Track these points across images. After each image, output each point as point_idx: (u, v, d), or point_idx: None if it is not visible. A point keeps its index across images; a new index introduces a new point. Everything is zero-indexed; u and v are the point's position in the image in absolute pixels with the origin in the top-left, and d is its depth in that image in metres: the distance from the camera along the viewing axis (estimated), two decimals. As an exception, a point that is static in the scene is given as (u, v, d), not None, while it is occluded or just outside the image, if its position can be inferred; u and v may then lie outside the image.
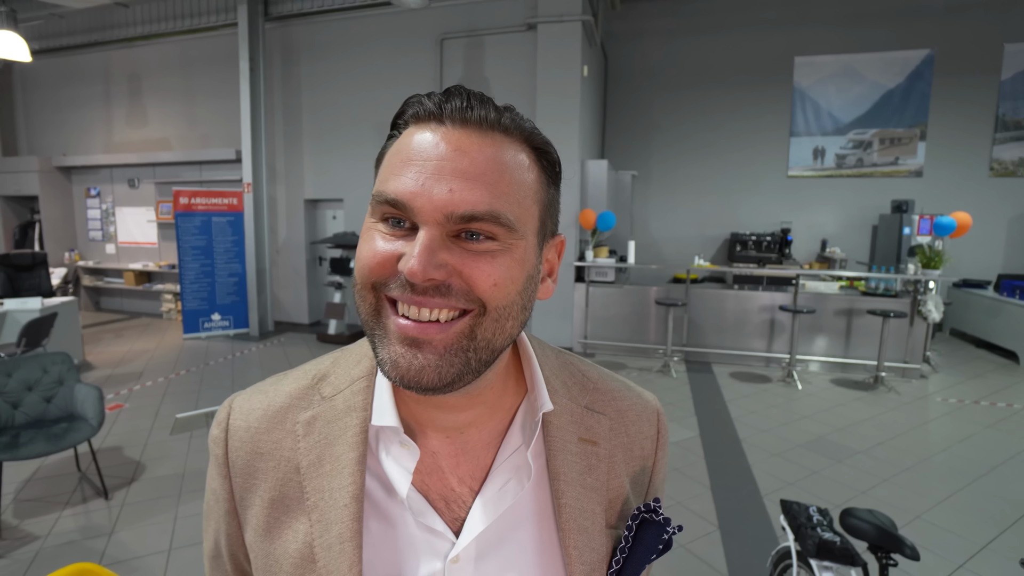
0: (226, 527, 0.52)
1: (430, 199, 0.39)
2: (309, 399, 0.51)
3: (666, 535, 0.50)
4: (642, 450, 0.56)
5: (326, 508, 0.47)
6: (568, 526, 0.49)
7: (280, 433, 0.50)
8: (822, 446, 3.79)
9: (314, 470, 0.48)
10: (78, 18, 8.02)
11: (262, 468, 0.49)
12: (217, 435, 0.52)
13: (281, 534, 0.48)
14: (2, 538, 2.65)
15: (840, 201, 7.55)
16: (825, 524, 1.82)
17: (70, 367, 3.25)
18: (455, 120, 0.41)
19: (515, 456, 0.49)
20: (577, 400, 0.54)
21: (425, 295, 0.40)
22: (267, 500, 0.49)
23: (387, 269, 0.41)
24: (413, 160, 0.41)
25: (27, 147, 9.18)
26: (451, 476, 0.49)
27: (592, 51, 6.68)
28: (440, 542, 0.47)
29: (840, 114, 7.45)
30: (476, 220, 0.40)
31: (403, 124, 0.44)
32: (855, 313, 5.52)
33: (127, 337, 7.04)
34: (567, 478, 0.50)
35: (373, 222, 0.43)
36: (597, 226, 5.93)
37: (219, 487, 0.52)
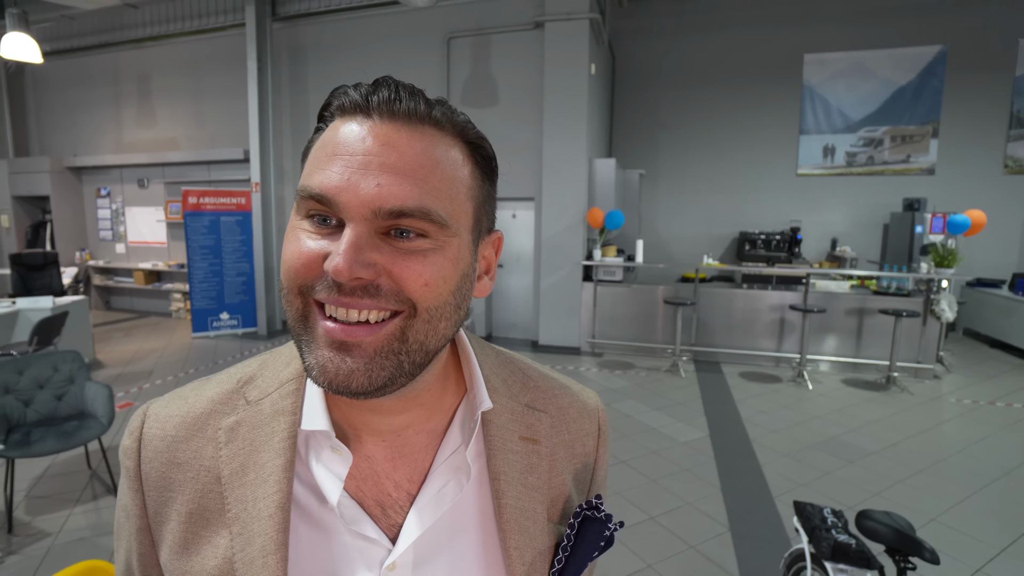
0: (138, 546, 0.48)
1: (356, 194, 0.38)
2: (233, 404, 0.48)
3: (608, 531, 0.49)
4: (584, 447, 0.55)
5: (248, 519, 0.44)
6: (509, 527, 0.47)
7: (200, 441, 0.47)
8: (834, 447, 3.74)
9: (237, 479, 0.45)
10: (88, 20, 8.08)
11: (179, 480, 0.46)
12: (129, 446, 0.48)
13: (199, 550, 0.45)
14: (14, 534, 2.67)
15: (850, 199, 7.47)
16: (840, 526, 1.80)
17: (81, 365, 3.27)
18: (382, 113, 0.39)
19: (454, 457, 0.48)
20: (518, 398, 0.53)
21: (353, 296, 0.38)
22: (184, 514, 0.45)
23: (313, 270, 0.39)
24: (339, 154, 0.39)
25: (39, 148, 9.27)
26: (387, 481, 0.47)
27: (599, 49, 6.65)
28: (376, 549, 0.45)
29: (850, 112, 7.37)
30: (405, 216, 0.38)
31: (329, 116, 0.42)
32: (866, 312, 5.45)
33: (137, 336, 7.08)
34: (508, 478, 0.49)
35: (298, 220, 0.41)
36: (605, 225, 5.90)
37: (130, 502, 0.47)
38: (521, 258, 6.77)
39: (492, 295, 6.93)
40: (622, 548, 2.59)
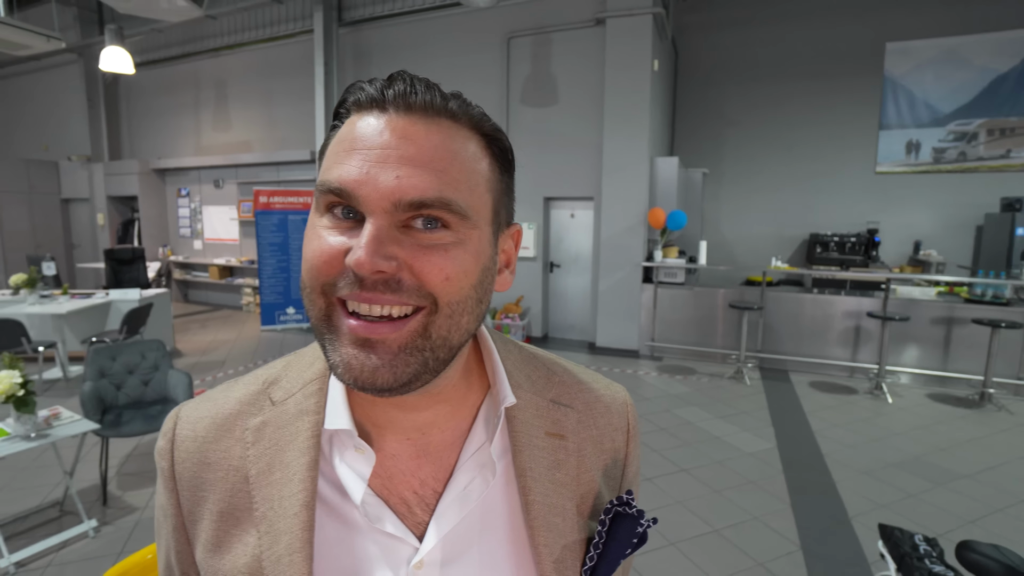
0: (175, 544, 0.49)
1: (376, 187, 0.37)
2: (259, 405, 0.48)
3: (640, 528, 0.47)
4: (612, 443, 0.54)
5: (275, 518, 0.44)
6: (537, 523, 0.47)
7: (228, 442, 0.47)
8: (919, 467, 3.46)
9: (263, 478, 0.45)
10: (173, 32, 8.66)
11: (210, 479, 0.47)
12: (163, 447, 0.49)
13: (231, 548, 0.45)
14: (108, 506, 2.88)
15: (937, 199, 6.91)
16: (935, 556, 1.65)
17: (164, 354, 3.49)
18: (398, 106, 0.39)
19: (479, 454, 0.47)
20: (542, 394, 0.52)
21: (374, 291, 0.38)
22: (216, 513, 0.46)
23: (335, 267, 0.39)
24: (356, 148, 0.39)
25: (129, 151, 10.03)
26: (413, 479, 0.46)
27: (663, 45, 6.47)
28: (403, 547, 0.44)
29: (939, 104, 6.81)
30: (426, 207, 0.38)
31: (345, 113, 0.42)
32: (956, 322, 5.02)
33: (211, 327, 7.52)
34: (534, 474, 0.48)
35: (317, 217, 0.41)
36: (667, 225, 5.73)
37: (166, 502, 0.49)
38: (579, 258, 6.68)
39: (549, 295, 6.89)
40: (684, 561, 2.49)
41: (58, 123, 10.33)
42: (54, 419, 2.69)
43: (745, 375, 5.25)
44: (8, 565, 2.34)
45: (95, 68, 9.25)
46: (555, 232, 6.75)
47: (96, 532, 2.64)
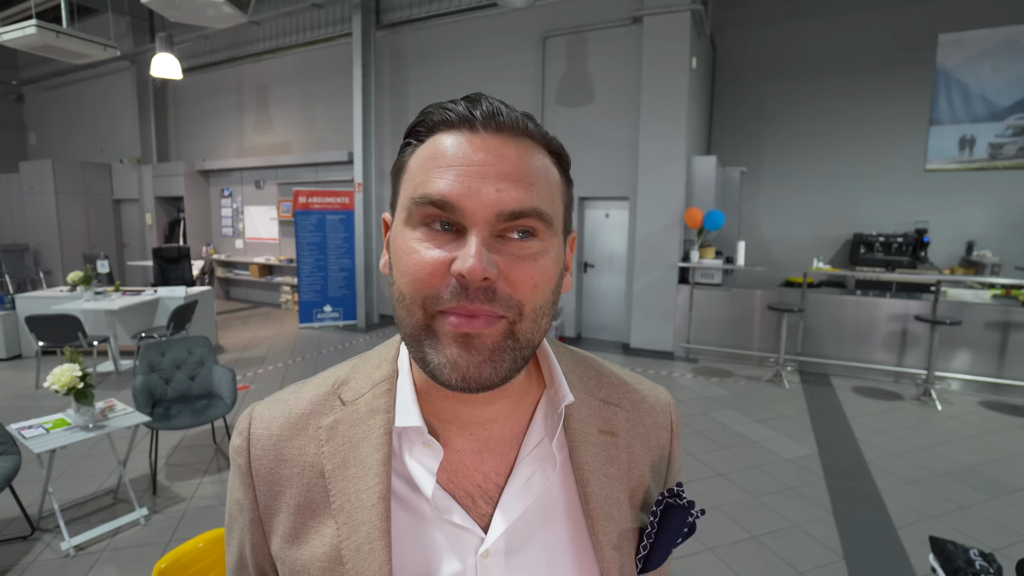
0: (251, 537, 0.52)
1: (480, 200, 0.40)
2: (330, 405, 0.51)
3: (690, 518, 0.50)
4: (658, 440, 0.58)
5: (352, 510, 0.47)
6: (596, 514, 0.49)
7: (303, 439, 0.50)
8: (971, 477, 3.30)
9: (339, 473, 0.48)
10: (218, 38, 8.97)
11: (286, 475, 0.50)
12: (239, 445, 0.52)
13: (308, 539, 0.48)
14: (158, 496, 3.01)
15: (993, 197, 6.57)
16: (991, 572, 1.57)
17: (209, 350, 3.62)
18: (488, 126, 0.42)
19: (538, 449, 0.50)
20: (594, 393, 0.55)
21: (476, 301, 0.40)
22: (293, 506, 0.49)
23: (438, 278, 0.41)
24: (453, 165, 0.41)
25: (176, 153, 10.44)
26: (476, 473, 0.49)
27: (701, 42, 6.35)
28: (469, 538, 0.47)
29: (997, 97, 6.47)
30: (523, 216, 0.41)
31: (425, 132, 0.45)
32: (1013, 327, 4.77)
33: (251, 325, 7.76)
34: (591, 468, 0.51)
35: (409, 231, 0.43)
36: (704, 225, 5.63)
37: (243, 497, 0.51)
38: (614, 258, 6.63)
39: (582, 296, 6.85)
40: (721, 566, 2.45)
41: (111, 127, 10.84)
42: (109, 411, 2.83)
43: (784, 378, 5.11)
44: (69, 548, 2.47)
45: (146, 74, 9.67)
46: (589, 232, 6.71)
47: (147, 520, 2.77)
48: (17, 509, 2.68)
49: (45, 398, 4.56)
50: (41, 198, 9.83)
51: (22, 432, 2.53)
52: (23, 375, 5.19)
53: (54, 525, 2.67)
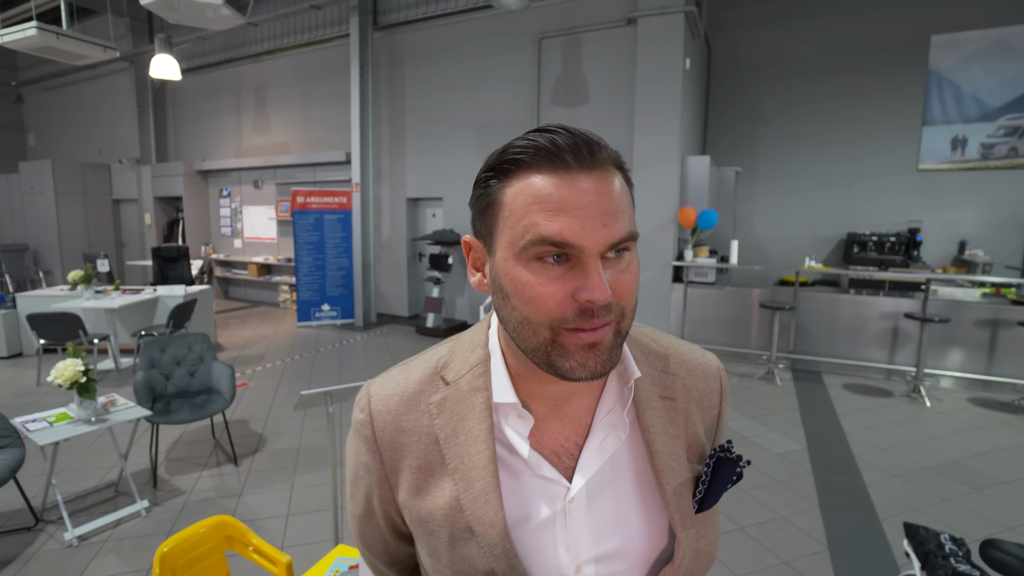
0: (379, 491, 0.63)
1: (594, 237, 0.48)
2: (436, 384, 0.62)
3: (739, 469, 0.58)
4: (710, 402, 0.67)
5: (466, 470, 0.57)
6: (661, 467, 0.59)
7: (416, 413, 0.61)
8: (956, 471, 3.37)
9: (451, 441, 0.59)
10: (217, 39, 9.02)
11: (406, 443, 0.60)
12: (363, 419, 0.62)
13: (430, 493, 0.59)
14: (158, 489, 3.07)
15: (985, 197, 6.64)
16: (960, 555, 1.64)
17: (209, 347, 3.68)
18: (583, 165, 0.49)
19: (610, 415, 0.59)
20: (654, 365, 0.64)
21: (600, 316, 0.49)
22: (415, 467, 0.60)
23: (565, 305, 0.49)
24: (563, 209, 0.48)
25: (175, 154, 10.49)
26: (559, 436, 0.59)
27: (695, 43, 6.41)
28: (557, 488, 0.57)
29: (988, 98, 6.54)
30: (624, 242, 0.50)
31: (512, 169, 0.50)
32: (1002, 324, 4.84)
33: (250, 323, 7.82)
34: (656, 429, 0.60)
35: (521, 265, 0.50)
36: (698, 225, 5.69)
37: (370, 460, 0.62)
38: (607, 257, 6.67)
39: (576, 294, 6.89)
40: (709, 557, 2.51)
41: (110, 127, 10.88)
42: (111, 405, 2.89)
43: (776, 376, 5.18)
44: (72, 538, 2.53)
45: (145, 75, 9.72)
46: (584, 231, 6.75)
47: (148, 512, 2.83)
48: (21, 501, 2.74)
49: (47, 395, 4.62)
50: (41, 198, 9.88)
51: (26, 425, 2.59)
52: (24, 372, 5.25)
53: (57, 516, 2.73)
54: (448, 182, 7.39)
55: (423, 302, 7.46)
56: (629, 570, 0.59)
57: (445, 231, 7.05)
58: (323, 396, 2.05)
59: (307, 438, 3.82)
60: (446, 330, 7.06)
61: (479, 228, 0.55)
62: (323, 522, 2.78)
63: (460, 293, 7.59)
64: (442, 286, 7.13)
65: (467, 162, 7.18)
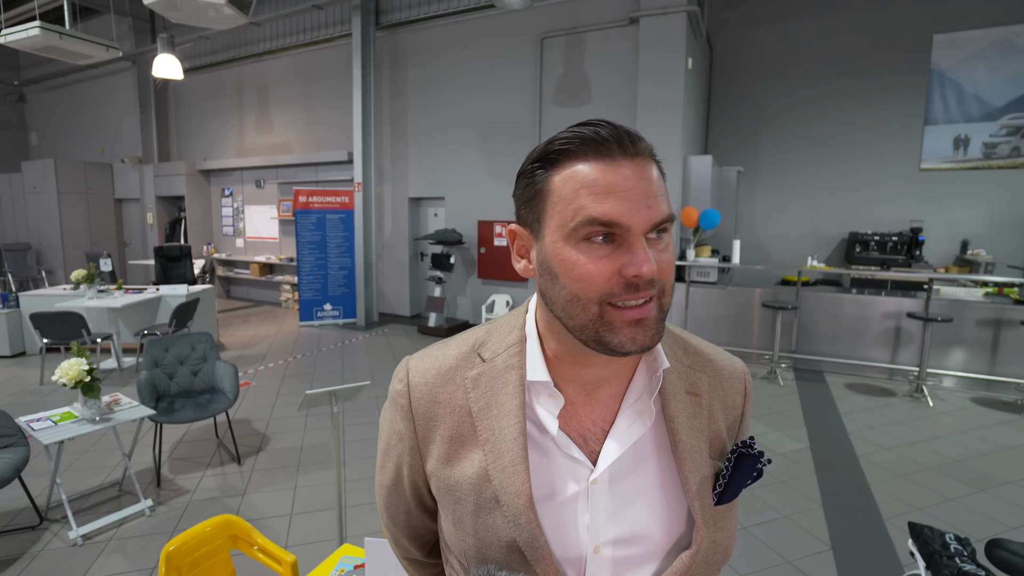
0: (409, 459, 0.66)
1: (640, 217, 0.51)
2: (472, 361, 0.64)
3: (759, 465, 0.60)
4: (734, 402, 0.69)
5: (496, 441, 0.60)
6: (684, 456, 0.60)
7: (452, 387, 0.64)
8: (960, 471, 3.37)
9: (484, 414, 0.61)
10: (219, 39, 9.03)
11: (440, 413, 0.63)
12: (401, 389, 0.66)
13: (459, 462, 0.62)
14: (162, 488, 3.08)
15: (987, 196, 6.63)
16: (965, 555, 1.64)
17: (212, 346, 3.69)
18: (627, 153, 0.53)
19: (637, 403, 0.61)
20: (682, 360, 0.66)
21: (644, 290, 0.52)
22: (447, 437, 0.63)
23: (613, 280, 0.52)
24: (611, 191, 0.51)
25: (177, 153, 10.50)
26: (587, 419, 0.61)
27: (697, 42, 6.40)
28: (581, 469, 0.59)
29: (991, 97, 6.53)
30: (665, 222, 0.53)
31: (559, 159, 0.54)
32: (1005, 324, 4.84)
33: (252, 323, 7.83)
34: (680, 421, 0.62)
35: (571, 245, 0.53)
36: (700, 224, 5.69)
37: (403, 429, 0.66)
38: (609, 257, 6.67)
39: (578, 293, 6.89)
40: (712, 556, 2.51)
41: (112, 127, 10.90)
42: (115, 404, 2.90)
43: (778, 375, 5.18)
44: (76, 537, 2.54)
45: (147, 74, 9.74)
46: (586, 231, 6.75)
47: (152, 511, 2.83)
48: (26, 500, 2.75)
49: (50, 394, 4.62)
50: (43, 198, 9.89)
51: (30, 424, 2.60)
52: (27, 372, 5.26)
53: (62, 515, 2.74)
54: (450, 182, 7.39)
55: (425, 302, 7.46)
56: (647, 555, 0.60)
57: (447, 231, 7.05)
58: (328, 395, 2.06)
59: (310, 437, 3.83)
60: (448, 329, 7.06)
61: (525, 216, 0.58)
62: (327, 521, 2.78)
63: (462, 293, 7.59)
64: (444, 286, 7.13)
65: (469, 162, 7.18)
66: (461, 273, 7.51)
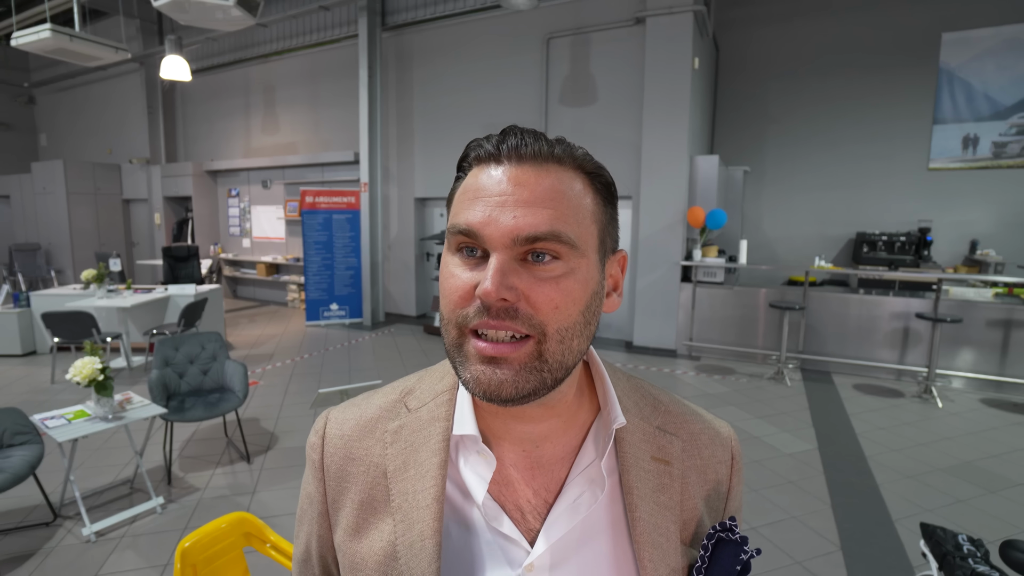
0: (318, 528, 0.56)
1: (497, 226, 0.43)
2: (396, 411, 0.56)
3: (744, 556, 0.48)
4: (716, 474, 0.57)
5: (409, 508, 0.50)
6: (642, 539, 0.49)
7: (370, 441, 0.54)
8: (970, 472, 3.35)
9: (400, 474, 0.52)
10: (226, 40, 9.08)
11: (353, 472, 0.54)
12: (315, 442, 0.57)
13: (368, 534, 0.52)
14: (172, 486, 3.10)
15: (997, 196, 6.59)
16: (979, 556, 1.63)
17: (221, 345, 3.71)
18: (511, 158, 0.45)
19: (589, 470, 0.50)
20: (649, 420, 0.55)
21: (498, 318, 0.43)
22: (357, 502, 0.53)
23: (467, 299, 0.44)
24: (480, 197, 0.45)
25: (184, 154, 10.56)
26: (527, 488, 0.51)
27: (703, 42, 6.39)
28: (515, 550, 0.48)
29: (1000, 96, 6.49)
30: (540, 240, 0.43)
31: (468, 166, 0.48)
32: (1015, 325, 4.80)
33: (259, 322, 7.87)
34: (640, 493, 0.51)
35: (450, 256, 0.47)
36: (706, 224, 5.68)
37: (314, 490, 0.56)
38: (615, 257, 6.67)
39: (584, 294, 6.89)
40: (721, 556, 2.51)
41: (120, 128, 10.97)
42: (127, 403, 2.92)
43: (786, 376, 5.16)
44: (90, 534, 2.56)
45: (155, 76, 9.80)
46: (592, 231, 6.75)
47: (163, 509, 2.86)
48: (40, 496, 2.77)
49: (61, 392, 4.66)
50: (52, 198, 9.97)
51: (45, 422, 2.62)
52: (39, 370, 5.30)
53: (75, 512, 2.77)
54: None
55: (431, 301, 7.47)
56: None
57: (453, 231, 7.06)
58: (339, 395, 2.07)
59: (318, 436, 3.84)
60: (454, 329, 7.07)
61: None
62: (336, 520, 2.79)
63: (468, 293, 7.59)
64: (450, 286, 7.14)
65: (475, 162, 7.18)
66: (467, 273, 7.51)
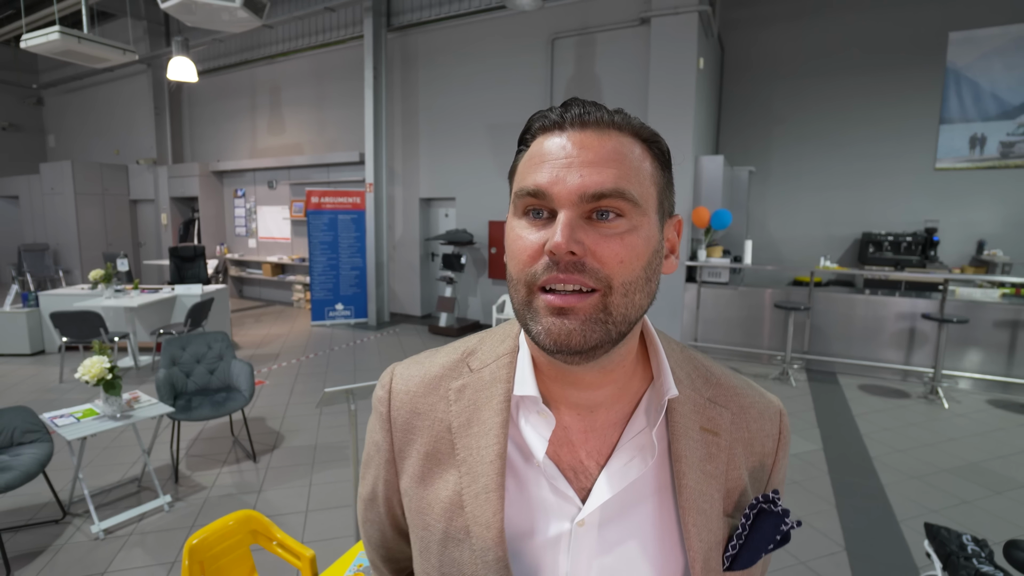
0: (384, 474, 0.60)
1: (565, 185, 0.45)
2: (459, 371, 0.58)
3: (784, 527, 0.50)
4: (762, 447, 0.58)
5: (474, 463, 0.53)
6: (688, 505, 0.52)
7: (435, 398, 0.57)
8: (976, 473, 3.34)
9: (464, 430, 0.55)
10: (233, 41, 9.13)
11: (419, 426, 0.57)
12: (382, 396, 0.60)
13: (434, 483, 0.55)
14: (180, 484, 3.13)
15: (1004, 196, 6.55)
16: (983, 556, 1.63)
17: (228, 345, 3.74)
18: (575, 125, 0.48)
19: (639, 437, 0.53)
20: (700, 392, 0.57)
21: (567, 272, 0.45)
22: (422, 453, 0.56)
23: (536, 257, 0.46)
24: (546, 160, 0.47)
25: (190, 155, 10.63)
26: (580, 449, 0.53)
27: (708, 42, 6.38)
28: (568, 506, 0.51)
29: (1008, 95, 6.45)
30: (605, 197, 0.45)
31: (530, 137, 0.51)
32: (1022, 326, 4.78)
33: (265, 322, 7.91)
34: (688, 461, 0.53)
35: (515, 220, 0.49)
36: (711, 224, 5.67)
37: (381, 439, 0.60)
38: (619, 257, 6.67)
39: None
40: (725, 557, 2.51)
41: (128, 129, 11.05)
42: (135, 402, 2.95)
43: (791, 376, 5.15)
44: (98, 531, 2.59)
45: (162, 77, 9.86)
46: (596, 231, 6.75)
47: (170, 507, 2.88)
48: (49, 494, 2.81)
49: (69, 391, 4.71)
50: (60, 199, 10.06)
51: (54, 420, 2.65)
52: (47, 369, 5.35)
53: (84, 510, 2.80)
54: (461, 182, 7.42)
55: (436, 302, 7.50)
56: None
57: (458, 231, 7.08)
58: (345, 394, 2.09)
59: (324, 435, 3.87)
60: (459, 329, 7.09)
61: None
62: (342, 518, 2.81)
63: (473, 293, 7.62)
64: (455, 286, 7.16)
65: (479, 162, 7.20)
66: (472, 273, 7.54)
